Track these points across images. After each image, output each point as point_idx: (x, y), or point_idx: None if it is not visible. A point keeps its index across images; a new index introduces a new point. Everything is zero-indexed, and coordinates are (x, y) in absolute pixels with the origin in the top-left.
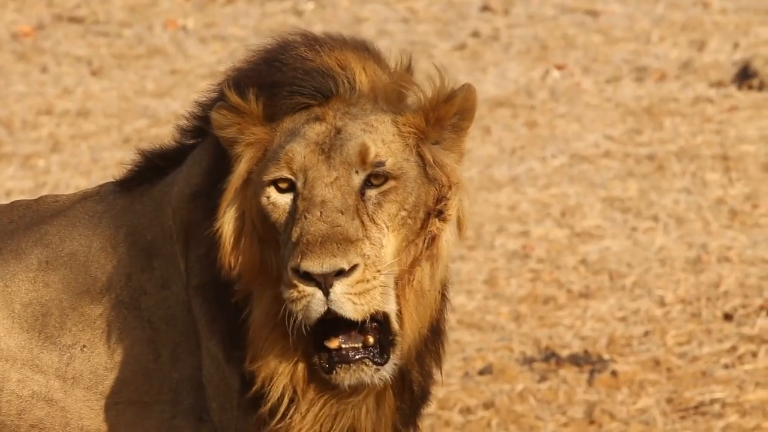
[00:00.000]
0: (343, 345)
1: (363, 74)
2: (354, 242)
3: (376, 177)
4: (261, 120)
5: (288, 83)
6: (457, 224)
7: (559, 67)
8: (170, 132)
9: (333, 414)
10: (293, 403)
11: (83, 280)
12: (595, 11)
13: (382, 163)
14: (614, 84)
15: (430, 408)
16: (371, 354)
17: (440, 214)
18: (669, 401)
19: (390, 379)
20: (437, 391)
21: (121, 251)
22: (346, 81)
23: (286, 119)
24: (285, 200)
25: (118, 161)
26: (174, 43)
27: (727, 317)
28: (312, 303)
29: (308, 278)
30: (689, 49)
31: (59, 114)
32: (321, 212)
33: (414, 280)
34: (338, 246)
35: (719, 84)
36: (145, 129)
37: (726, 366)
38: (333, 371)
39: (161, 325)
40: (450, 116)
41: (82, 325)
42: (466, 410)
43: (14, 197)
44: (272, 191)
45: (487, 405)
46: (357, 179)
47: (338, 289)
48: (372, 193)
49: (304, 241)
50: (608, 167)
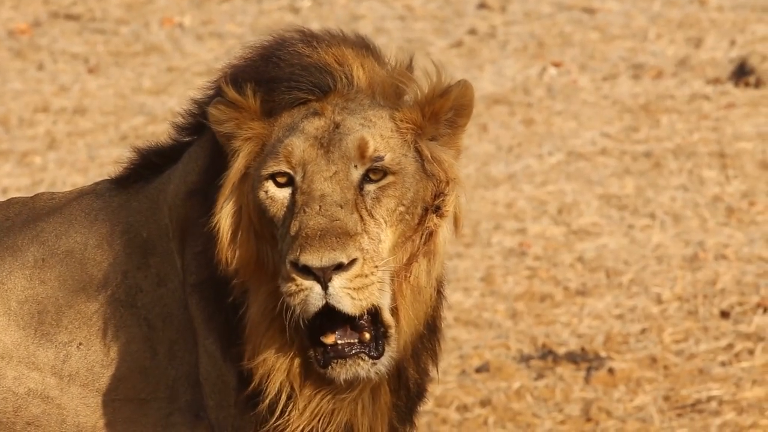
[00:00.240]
0: (339, 341)
1: (361, 70)
2: (353, 236)
3: (375, 172)
4: (259, 115)
5: (286, 79)
6: (454, 221)
7: (556, 65)
8: (167, 129)
9: (330, 410)
10: (291, 400)
11: (79, 278)
12: (592, 8)
13: (381, 158)
14: (611, 81)
15: (427, 405)
16: (367, 349)
17: (438, 210)
18: (666, 399)
19: (386, 374)
20: (434, 389)
21: (118, 249)
22: (344, 77)
23: (284, 114)
24: (283, 194)
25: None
26: (171, 41)
27: (724, 315)
28: (310, 297)
29: (307, 272)
30: (686, 47)
31: (56, 111)
32: (320, 206)
33: (411, 276)
34: (337, 240)
35: (716, 81)
36: (142, 126)
37: (723, 363)
38: (329, 366)
39: (158, 323)
40: (445, 111)
41: (79, 323)
42: (463, 408)
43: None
44: (270, 185)
45: (484, 402)
46: (356, 174)
47: (337, 284)
48: (370, 188)
49: (303, 235)
50: (605, 164)
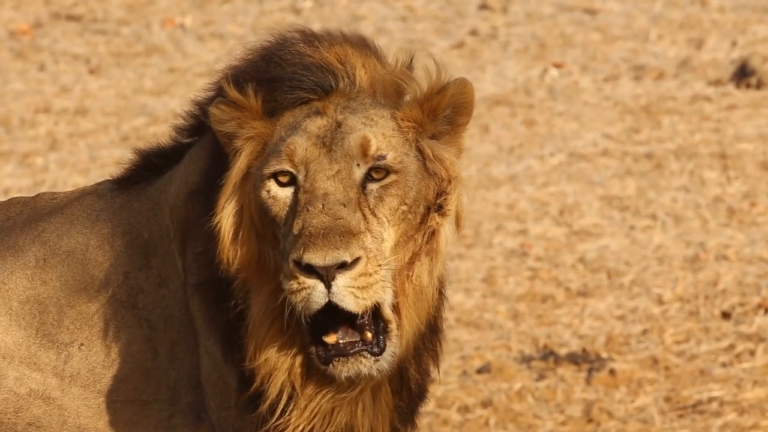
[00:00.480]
0: (341, 340)
1: (362, 69)
2: (356, 235)
3: (377, 171)
4: (260, 115)
5: (288, 78)
6: (455, 219)
7: (558, 66)
8: (168, 130)
9: (330, 409)
10: (292, 400)
11: (81, 278)
12: (594, 9)
13: (383, 157)
14: (612, 82)
15: (429, 406)
16: (369, 346)
17: (440, 209)
18: (667, 400)
19: (388, 371)
20: (435, 390)
21: (119, 249)
22: (346, 76)
23: (286, 114)
24: (285, 194)
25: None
26: (172, 41)
27: (725, 315)
28: (313, 295)
29: (310, 270)
30: (687, 48)
31: (57, 112)
32: (323, 205)
33: (413, 275)
34: (341, 238)
35: (717, 82)
36: (143, 127)
37: (724, 364)
38: (330, 363)
39: (159, 324)
40: (443, 107)
41: (80, 323)
42: (465, 409)
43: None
44: (272, 185)
45: (486, 403)
46: (358, 172)
47: (340, 282)
48: (373, 187)
49: (307, 233)
50: (606, 166)
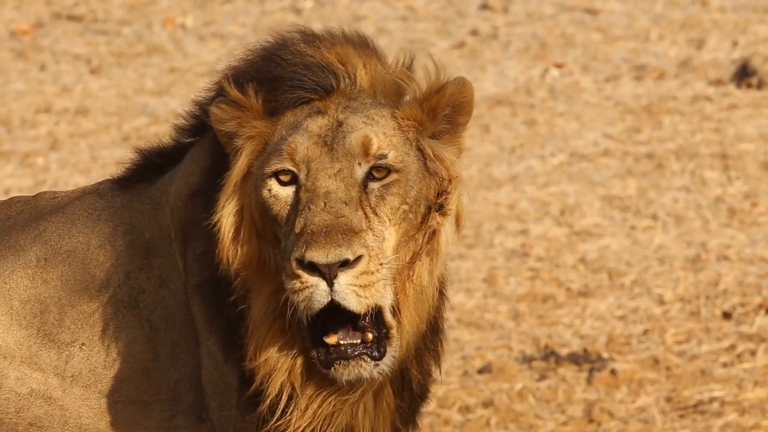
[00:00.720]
0: (342, 341)
1: (363, 70)
2: (358, 233)
3: (378, 170)
4: (261, 114)
5: (289, 78)
6: (456, 219)
7: (559, 66)
8: (169, 130)
9: (330, 412)
10: (292, 400)
11: (82, 278)
12: (594, 9)
13: (385, 156)
14: (613, 82)
15: (430, 406)
16: (369, 350)
17: (441, 208)
18: (668, 400)
19: (389, 374)
20: (437, 390)
21: (120, 249)
22: (347, 76)
23: (287, 113)
24: (287, 192)
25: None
26: (173, 41)
27: (726, 316)
28: (315, 294)
29: (313, 268)
30: (688, 48)
31: (58, 112)
32: (325, 203)
33: (414, 275)
34: (343, 236)
35: (718, 82)
36: (144, 127)
37: (725, 364)
38: (331, 367)
39: (160, 324)
40: (442, 106)
41: (81, 323)
42: (466, 409)
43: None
44: (274, 183)
45: (487, 404)
46: (360, 171)
47: (342, 280)
48: (374, 186)
49: (309, 232)
50: (607, 166)
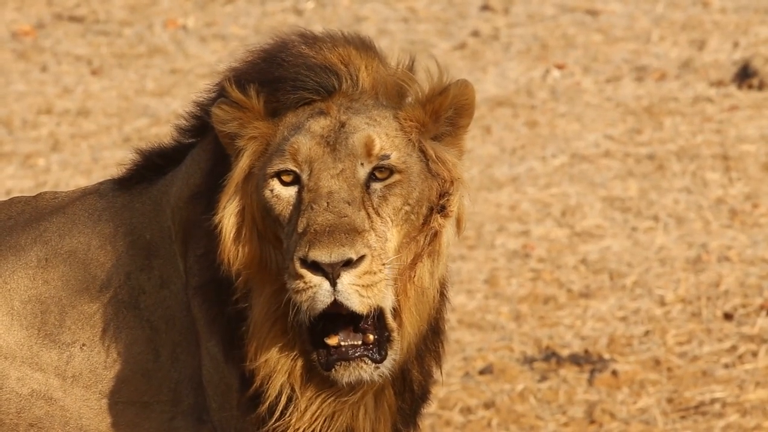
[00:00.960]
0: (343, 342)
1: (365, 71)
2: (361, 233)
3: (381, 171)
4: (262, 115)
5: (291, 78)
6: (456, 222)
7: (560, 67)
8: (170, 131)
9: (330, 413)
10: (291, 402)
11: (82, 278)
12: (595, 11)
13: (387, 156)
14: (614, 83)
15: (431, 407)
16: (370, 352)
17: (442, 210)
18: (669, 401)
19: (389, 376)
20: (438, 391)
21: (121, 250)
22: (349, 77)
23: (289, 114)
24: (289, 193)
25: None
26: (174, 43)
27: (728, 317)
28: (318, 294)
29: (316, 268)
30: (689, 49)
31: (59, 113)
32: (328, 203)
33: (415, 277)
34: (346, 236)
35: (719, 83)
36: (146, 128)
37: (726, 365)
38: (332, 368)
39: (160, 325)
40: (445, 108)
41: (82, 323)
42: (467, 410)
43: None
44: (276, 184)
45: (488, 405)
46: (362, 172)
47: (345, 280)
48: (377, 187)
49: (312, 231)
50: (608, 167)
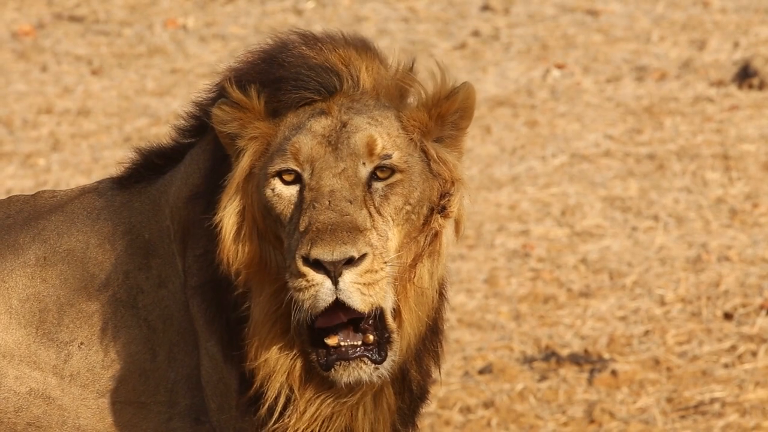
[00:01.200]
0: (343, 342)
1: (366, 72)
2: (363, 231)
3: (382, 170)
4: (263, 115)
5: (293, 78)
6: (455, 224)
7: (560, 67)
8: (169, 131)
9: (329, 414)
10: (290, 402)
11: (81, 277)
12: (596, 11)
13: (389, 156)
14: (614, 83)
15: (431, 407)
16: (370, 352)
17: (443, 210)
18: (669, 400)
19: (388, 377)
20: (437, 390)
21: (119, 249)
22: (350, 78)
23: (290, 114)
24: (290, 192)
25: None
26: (174, 42)
27: (727, 316)
28: (320, 292)
29: (318, 266)
30: (689, 49)
31: (59, 113)
32: (330, 201)
33: (415, 277)
34: (348, 234)
35: (719, 83)
36: (146, 128)
37: (726, 365)
38: (331, 368)
39: (158, 325)
40: (452, 113)
41: (80, 322)
42: (466, 409)
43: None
44: (277, 183)
45: (487, 404)
46: (364, 171)
47: (347, 278)
48: (378, 186)
49: (314, 229)
50: (608, 166)
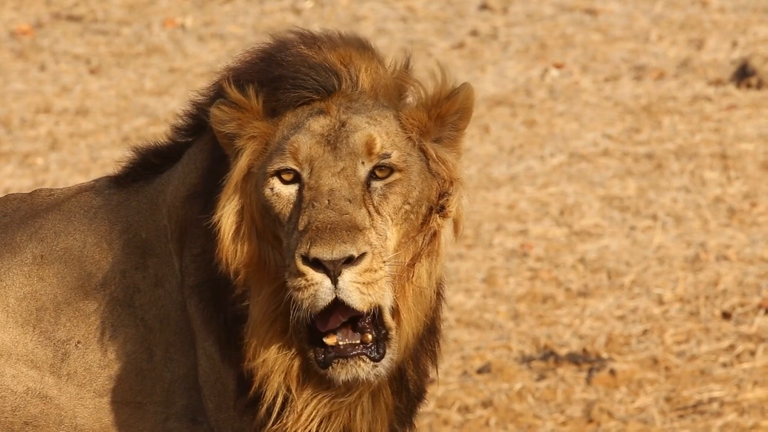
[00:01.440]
0: (341, 341)
1: (365, 72)
2: (362, 231)
3: (381, 169)
4: (261, 115)
5: (291, 77)
6: (453, 224)
7: (558, 66)
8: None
9: (327, 414)
10: (288, 402)
11: (78, 276)
12: (594, 10)
13: (388, 155)
14: (613, 83)
15: (429, 406)
16: (369, 350)
17: (442, 210)
18: (667, 400)
19: (386, 376)
20: (435, 390)
21: (116, 248)
22: (349, 78)
23: (288, 114)
24: (289, 191)
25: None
26: (172, 42)
27: (726, 316)
28: (319, 291)
29: (317, 265)
30: (688, 48)
31: (58, 112)
32: (329, 200)
33: (413, 277)
34: (347, 233)
35: (718, 82)
36: (144, 127)
37: (724, 365)
38: (329, 366)
39: (155, 324)
40: (452, 113)
41: (77, 321)
42: (465, 409)
43: None
44: (276, 182)
45: (486, 404)
46: (363, 170)
47: (347, 277)
48: (377, 185)
49: (314, 228)
50: (607, 166)
